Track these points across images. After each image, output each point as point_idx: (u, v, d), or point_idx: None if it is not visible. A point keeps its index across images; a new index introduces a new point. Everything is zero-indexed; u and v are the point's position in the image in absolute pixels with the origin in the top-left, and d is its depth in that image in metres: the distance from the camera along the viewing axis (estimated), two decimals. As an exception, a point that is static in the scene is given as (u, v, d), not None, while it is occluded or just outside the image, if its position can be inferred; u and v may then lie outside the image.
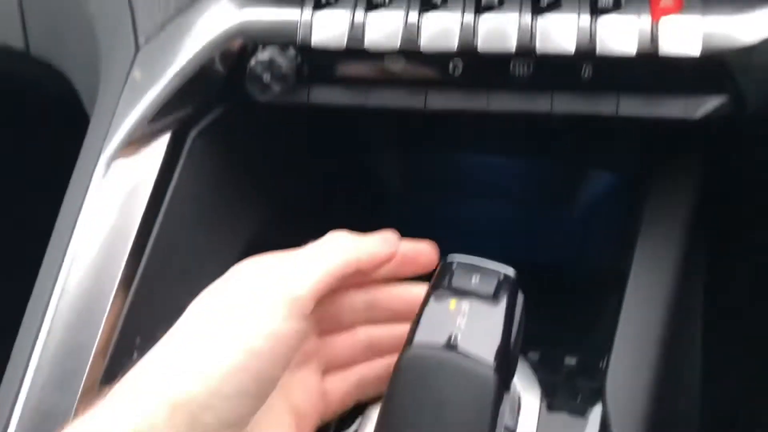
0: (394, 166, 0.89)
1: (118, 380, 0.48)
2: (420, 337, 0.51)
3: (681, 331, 0.66)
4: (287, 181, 0.77)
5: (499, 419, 0.50)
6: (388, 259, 0.57)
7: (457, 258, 0.56)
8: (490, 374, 0.49)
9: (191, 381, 0.46)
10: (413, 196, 0.91)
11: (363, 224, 0.86)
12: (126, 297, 0.61)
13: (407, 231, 0.61)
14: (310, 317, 0.51)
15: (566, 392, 0.61)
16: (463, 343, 0.50)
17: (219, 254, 0.72)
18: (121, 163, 0.63)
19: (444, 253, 0.59)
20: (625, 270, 0.67)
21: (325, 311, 0.57)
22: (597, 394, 0.61)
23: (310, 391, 0.57)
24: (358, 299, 0.60)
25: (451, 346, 0.50)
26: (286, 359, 0.49)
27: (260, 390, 0.48)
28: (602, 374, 0.61)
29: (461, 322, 0.51)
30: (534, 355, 0.64)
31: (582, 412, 0.61)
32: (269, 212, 0.75)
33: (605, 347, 0.63)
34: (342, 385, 0.59)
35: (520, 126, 0.76)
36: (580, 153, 0.81)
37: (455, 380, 0.49)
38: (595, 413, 0.60)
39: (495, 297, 0.53)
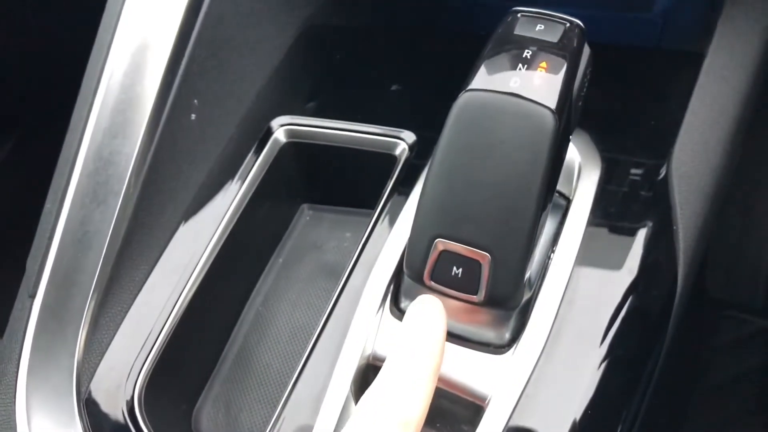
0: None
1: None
2: (477, 82, 0.50)
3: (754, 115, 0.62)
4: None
5: (556, 163, 0.49)
6: None
7: (521, 9, 0.53)
8: (549, 116, 0.47)
9: None
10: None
11: (426, 17, 0.83)
12: (182, 59, 0.61)
13: (474, 30, 0.58)
14: None
15: (628, 167, 0.59)
16: (522, 87, 0.48)
17: (274, 31, 0.71)
18: None
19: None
20: (702, 51, 0.63)
21: None
22: (659, 169, 0.59)
23: None
24: None
25: (510, 89, 0.48)
26: None
27: None
28: (668, 151, 0.59)
29: (522, 67, 0.49)
30: (599, 131, 0.61)
31: (642, 188, 0.59)
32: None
33: (674, 125, 0.60)
34: None
35: None
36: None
37: (512, 121, 0.47)
38: (657, 188, 0.58)
39: (559, 44, 0.50)
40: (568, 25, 0.51)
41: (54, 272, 0.55)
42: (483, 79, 0.50)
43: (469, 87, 0.50)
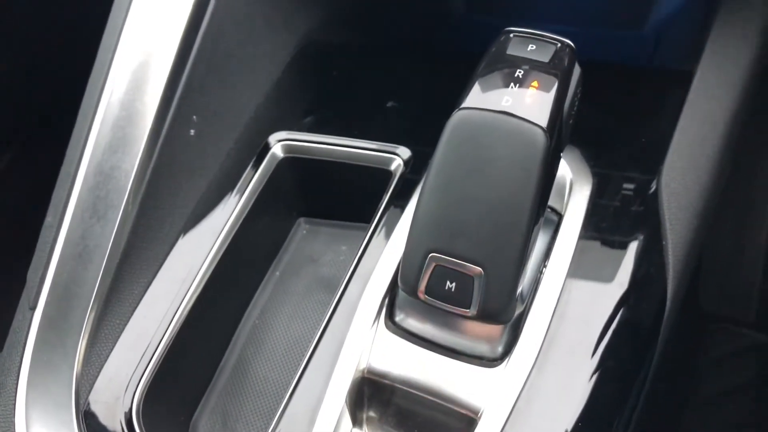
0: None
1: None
2: (470, 100, 0.51)
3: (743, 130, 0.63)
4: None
5: (547, 180, 0.50)
6: None
7: (514, 30, 0.55)
8: (540, 134, 0.48)
9: None
10: (477, 15, 0.88)
11: (421, 35, 0.84)
12: (181, 75, 0.63)
13: (468, 48, 0.59)
14: None
15: (619, 182, 0.61)
16: (514, 106, 0.49)
17: (273, 48, 0.72)
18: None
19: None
20: (691, 69, 0.64)
21: None
22: (649, 185, 0.60)
23: None
24: None
25: (502, 107, 0.49)
26: None
27: None
28: (658, 168, 0.60)
29: (514, 86, 0.50)
30: (590, 147, 0.63)
31: (632, 202, 0.60)
32: (327, 12, 0.74)
33: (664, 142, 0.61)
34: None
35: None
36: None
37: (505, 139, 0.49)
38: (647, 203, 0.59)
39: (550, 64, 0.51)
40: (558, 45, 0.53)
41: (54, 285, 0.55)
42: (476, 97, 0.51)
43: (463, 105, 0.51)
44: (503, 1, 0.85)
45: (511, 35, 0.54)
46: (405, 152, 0.66)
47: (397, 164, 0.66)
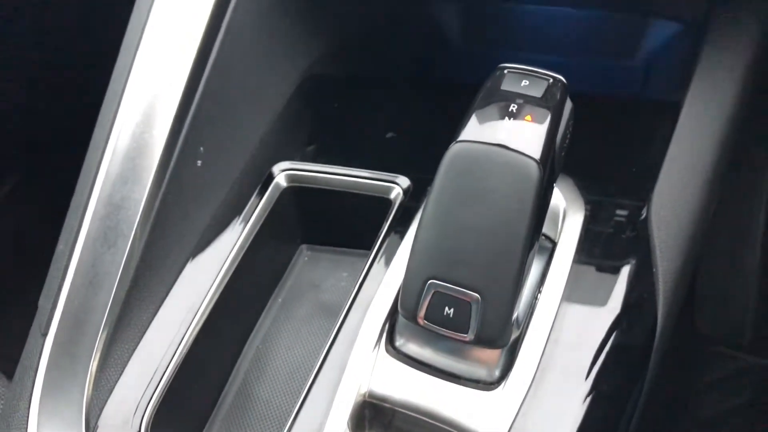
0: (455, 15, 0.89)
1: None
2: (467, 133, 0.53)
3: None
4: (348, 16, 0.79)
5: (541, 209, 0.52)
6: None
7: (508, 66, 0.57)
8: (534, 166, 0.51)
9: None
10: (474, 47, 0.91)
11: (421, 66, 0.87)
12: (189, 109, 0.65)
13: (466, 79, 0.62)
14: None
15: (611, 210, 0.63)
16: (509, 139, 0.51)
17: (275, 82, 0.74)
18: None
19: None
20: (680, 100, 0.67)
21: None
22: (640, 212, 0.62)
23: None
24: None
25: (497, 140, 0.52)
26: None
27: None
28: (648, 196, 0.63)
29: (509, 120, 0.53)
30: (582, 176, 0.65)
31: (624, 229, 0.62)
32: (328, 46, 0.77)
33: (654, 170, 0.64)
34: None
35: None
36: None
37: (500, 170, 0.51)
38: (638, 229, 0.61)
39: (543, 99, 0.54)
40: (551, 80, 0.55)
41: (66, 312, 0.57)
42: (472, 130, 0.54)
43: (460, 138, 0.54)
44: (498, 34, 0.88)
45: (506, 71, 0.56)
46: (404, 181, 0.69)
47: (396, 193, 0.68)
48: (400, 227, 0.65)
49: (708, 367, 1.14)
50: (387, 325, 0.58)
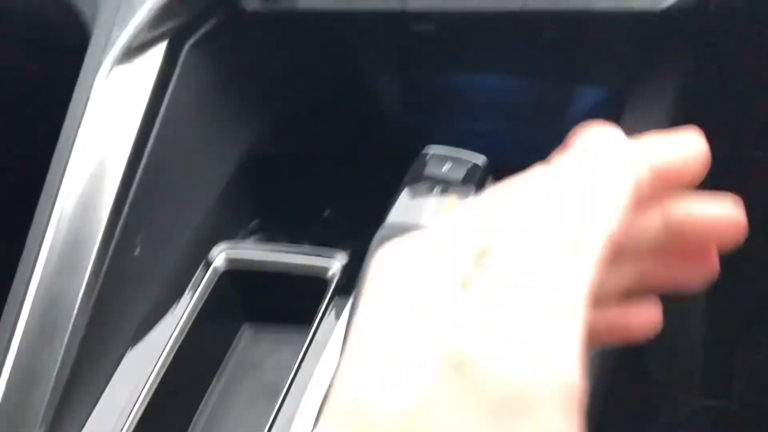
0: (389, 87, 0.92)
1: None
2: (392, 217, 0.55)
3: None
4: (283, 96, 0.81)
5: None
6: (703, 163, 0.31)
7: (432, 149, 0.60)
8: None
9: None
10: (409, 118, 0.94)
11: (358, 141, 0.90)
12: (127, 197, 0.66)
13: (402, 151, 0.64)
14: None
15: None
16: (432, 220, 0.54)
17: (215, 164, 0.76)
18: (121, 70, 0.67)
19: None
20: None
21: None
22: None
23: None
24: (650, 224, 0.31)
25: (421, 225, 0.54)
26: None
27: None
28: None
29: (432, 203, 0.55)
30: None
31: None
32: (265, 126, 0.79)
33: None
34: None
35: (509, 43, 0.79)
36: (565, 68, 0.84)
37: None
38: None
39: (464, 182, 0.57)
40: (472, 164, 0.58)
41: (1, 411, 0.57)
42: (398, 213, 0.56)
43: (385, 223, 0.56)
44: (432, 104, 0.91)
45: (428, 155, 0.59)
46: (342, 257, 0.70)
47: (334, 270, 0.69)
48: (338, 303, 0.66)
49: (665, 410, 1.17)
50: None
